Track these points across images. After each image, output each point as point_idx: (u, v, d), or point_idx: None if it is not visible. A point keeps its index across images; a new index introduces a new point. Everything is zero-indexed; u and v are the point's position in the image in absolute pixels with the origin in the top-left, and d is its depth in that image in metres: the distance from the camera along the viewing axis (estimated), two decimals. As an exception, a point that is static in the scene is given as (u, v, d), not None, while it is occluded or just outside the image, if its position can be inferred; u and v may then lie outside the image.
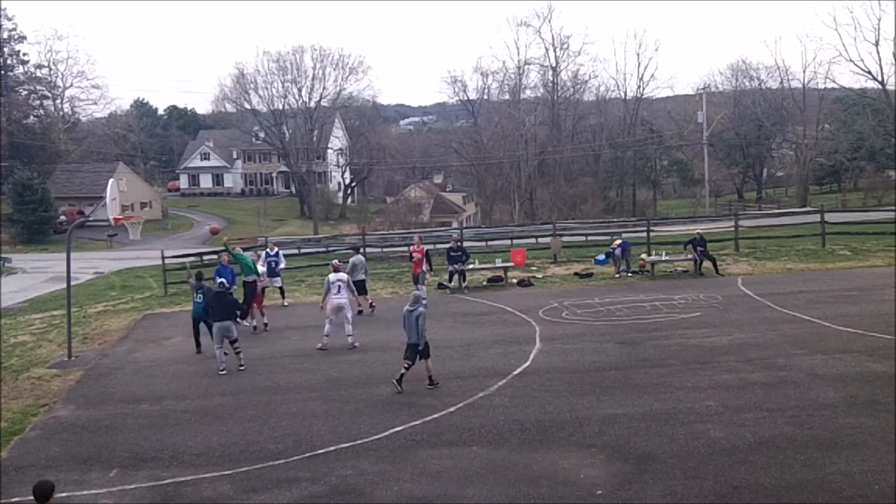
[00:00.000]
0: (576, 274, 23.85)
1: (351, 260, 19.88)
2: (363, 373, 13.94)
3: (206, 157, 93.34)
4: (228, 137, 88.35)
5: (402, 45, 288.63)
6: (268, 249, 20.93)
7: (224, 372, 14.29)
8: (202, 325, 15.97)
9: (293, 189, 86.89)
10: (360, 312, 19.16)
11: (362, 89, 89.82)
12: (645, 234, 27.71)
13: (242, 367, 14.49)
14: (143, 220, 21.85)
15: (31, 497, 6.92)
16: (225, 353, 14.52)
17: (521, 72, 72.58)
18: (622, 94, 71.90)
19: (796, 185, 66.18)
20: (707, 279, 21.90)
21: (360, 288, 19.41)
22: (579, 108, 73.39)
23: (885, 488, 8.38)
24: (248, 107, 79.80)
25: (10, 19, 77.61)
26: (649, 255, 24.42)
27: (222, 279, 16.40)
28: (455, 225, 62.15)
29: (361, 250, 22.19)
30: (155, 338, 17.42)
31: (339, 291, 15.65)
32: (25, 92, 78.89)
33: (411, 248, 21.18)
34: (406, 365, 12.54)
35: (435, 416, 11.37)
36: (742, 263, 24.15)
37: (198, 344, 16.22)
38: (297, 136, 77.86)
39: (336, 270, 16.11)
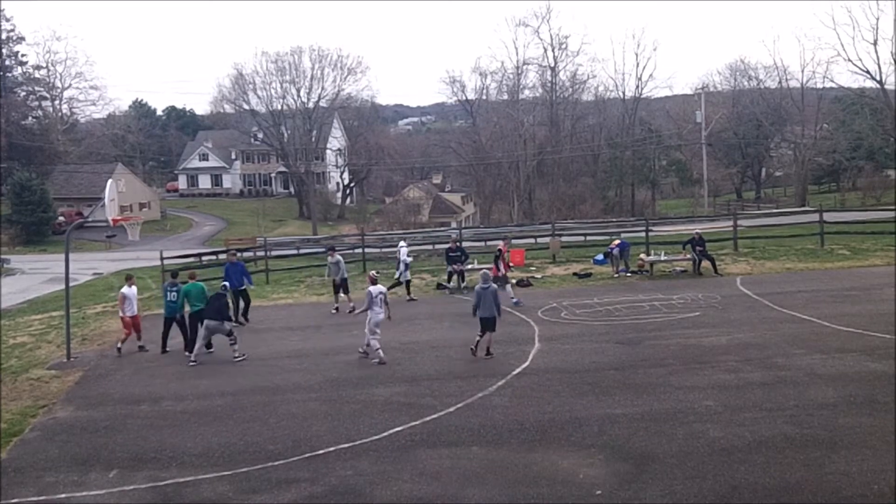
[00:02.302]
0: (574, 274, 23.86)
1: (338, 259, 19.91)
2: (362, 373, 13.95)
3: (204, 157, 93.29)
4: (227, 138, 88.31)
5: (401, 46, 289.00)
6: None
7: (194, 363, 15.13)
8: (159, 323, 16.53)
9: (292, 189, 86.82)
10: (352, 310, 19.49)
11: (361, 90, 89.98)
12: (644, 234, 27.73)
13: (237, 358, 15.24)
14: (142, 221, 21.80)
15: (31, 498, 6.92)
16: (207, 349, 15.61)
17: (519, 72, 72.63)
18: (621, 94, 71.94)
19: (795, 184, 66.18)
20: (706, 279, 21.91)
21: (345, 287, 19.86)
22: (578, 108, 73.37)
23: (884, 488, 8.39)
24: (246, 107, 79.77)
25: (8, 20, 77.70)
26: (648, 254, 24.44)
27: (224, 282, 16.82)
28: (454, 225, 62.15)
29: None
30: (154, 338, 17.38)
31: (379, 305, 14.65)
32: (24, 93, 78.87)
33: (500, 245, 20.91)
34: (480, 334, 14.35)
35: (434, 416, 11.38)
36: (741, 263, 24.16)
37: (164, 345, 16.46)
38: (295, 137, 77.80)
39: (374, 282, 15.13)
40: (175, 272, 17.62)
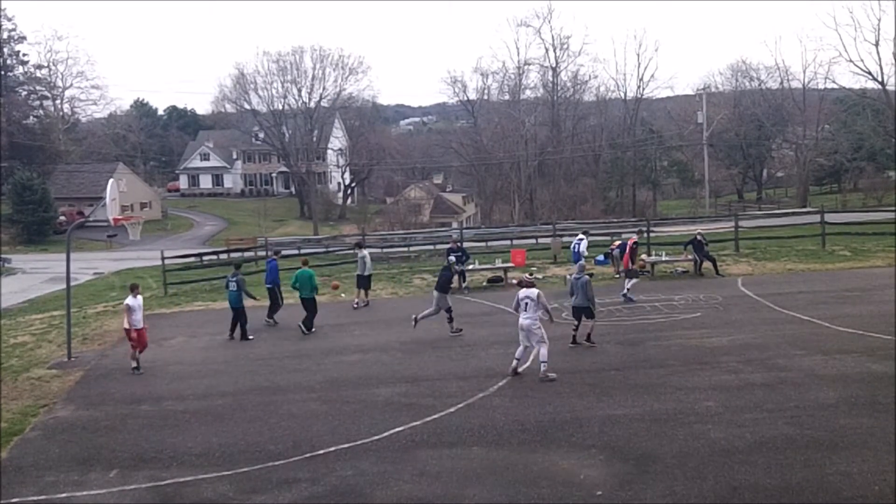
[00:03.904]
0: (576, 274, 23.83)
1: (364, 254, 20.90)
2: (363, 373, 13.95)
3: (205, 157, 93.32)
4: (228, 138, 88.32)
5: (402, 46, 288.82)
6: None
7: (459, 332, 16.38)
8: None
9: (293, 189, 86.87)
10: (360, 305, 20.43)
11: (362, 90, 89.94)
12: (645, 235, 27.69)
13: (455, 333, 16.33)
14: (143, 221, 21.84)
15: (31, 498, 6.93)
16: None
17: (520, 72, 72.74)
18: (622, 95, 72.02)
19: (796, 185, 66.19)
20: (707, 280, 21.89)
21: (367, 282, 20.86)
22: (579, 109, 73.43)
23: (885, 489, 8.38)
24: (247, 107, 79.82)
25: (9, 20, 77.97)
26: (649, 255, 24.41)
27: (454, 254, 18.98)
28: (455, 225, 62.12)
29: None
30: (155, 338, 17.38)
31: (525, 309, 13.23)
32: (25, 92, 78.96)
33: (633, 238, 20.91)
34: (575, 325, 14.80)
35: (435, 416, 11.38)
36: (742, 264, 24.15)
37: (232, 330, 17.38)
38: (296, 137, 77.84)
39: (527, 286, 13.52)
40: (238, 264, 18.91)
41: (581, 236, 22.69)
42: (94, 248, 51.10)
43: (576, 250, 22.12)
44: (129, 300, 14.93)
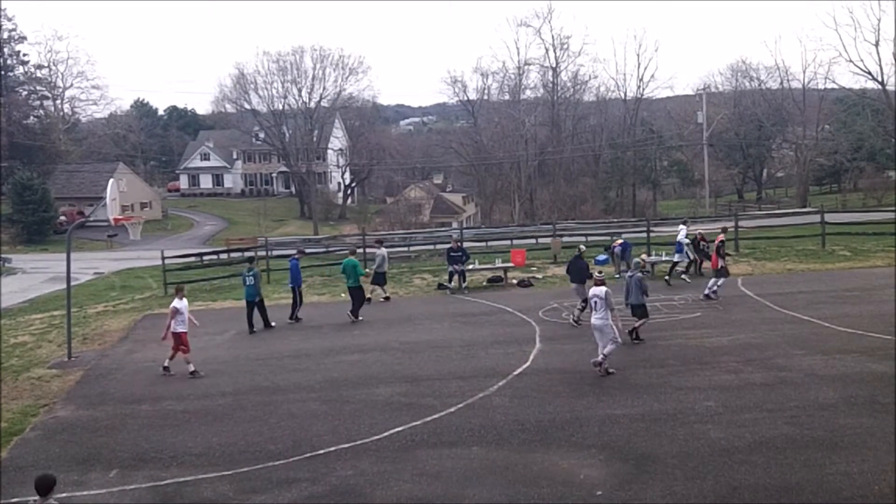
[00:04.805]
0: (576, 274, 23.81)
1: (381, 252, 21.47)
2: (363, 373, 13.95)
3: (206, 157, 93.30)
4: (228, 138, 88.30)
5: (402, 46, 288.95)
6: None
7: (578, 324, 16.43)
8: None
9: (293, 189, 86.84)
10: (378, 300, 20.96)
11: (362, 90, 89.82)
12: (645, 235, 27.71)
13: (576, 324, 16.47)
14: (143, 221, 21.86)
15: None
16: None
17: (521, 72, 72.65)
18: (622, 95, 71.93)
19: (796, 185, 66.14)
20: (707, 279, 21.84)
21: (383, 279, 21.43)
22: (579, 109, 73.40)
23: (884, 488, 8.38)
24: (248, 107, 79.80)
25: (10, 20, 77.80)
26: (649, 255, 24.39)
27: (580, 244, 19.40)
28: (455, 225, 62.09)
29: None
30: (155, 338, 17.38)
31: (595, 309, 13.09)
32: (25, 92, 78.91)
33: (720, 236, 20.24)
34: (644, 322, 14.90)
35: (435, 416, 11.38)
36: (742, 264, 24.12)
37: (250, 325, 17.72)
38: (297, 137, 77.81)
39: (597, 284, 13.33)
40: (251, 258, 19.65)
41: (682, 227, 22.74)
42: (94, 247, 51.08)
43: (678, 240, 22.23)
44: (176, 302, 14.63)
